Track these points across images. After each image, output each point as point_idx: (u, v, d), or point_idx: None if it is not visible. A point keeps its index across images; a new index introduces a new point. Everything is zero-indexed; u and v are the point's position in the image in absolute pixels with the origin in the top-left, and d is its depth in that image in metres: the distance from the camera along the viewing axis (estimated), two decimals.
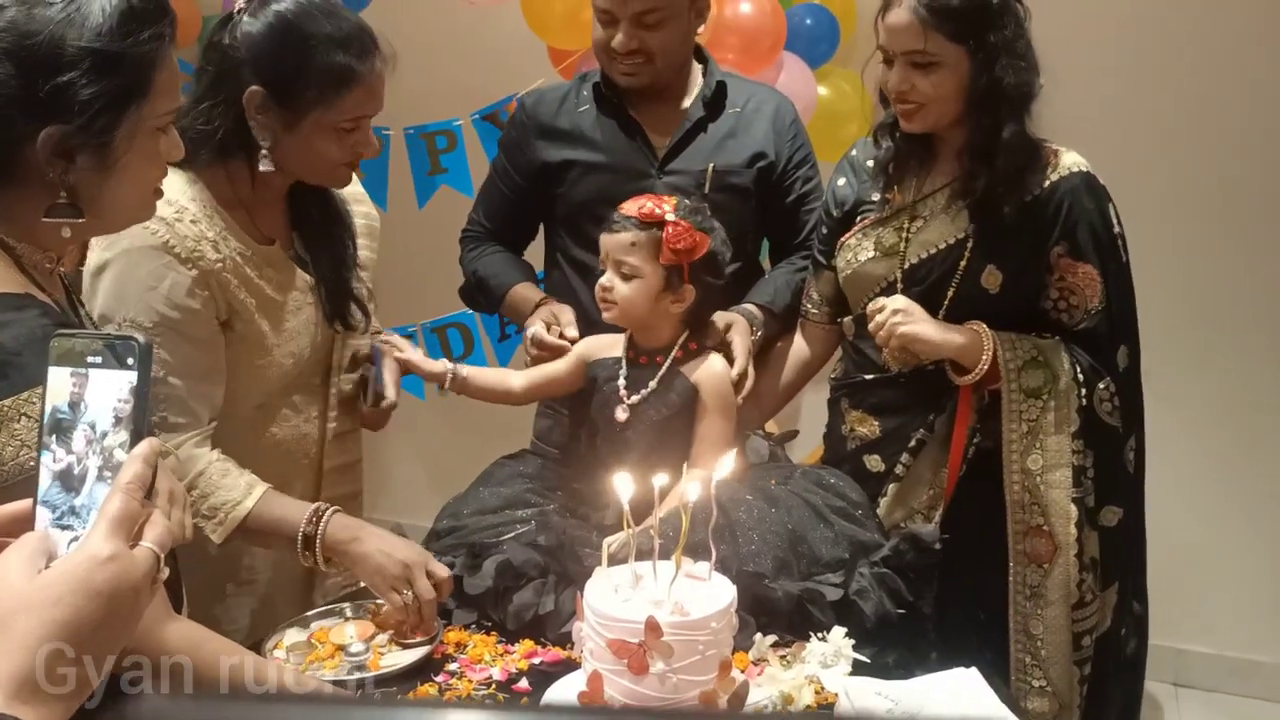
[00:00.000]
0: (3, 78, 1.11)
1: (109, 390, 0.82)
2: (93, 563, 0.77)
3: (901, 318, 1.86)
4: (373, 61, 1.66)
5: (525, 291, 2.15)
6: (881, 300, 1.91)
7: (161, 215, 1.57)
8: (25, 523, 0.82)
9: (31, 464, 1.08)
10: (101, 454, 0.82)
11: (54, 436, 0.82)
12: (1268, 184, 2.99)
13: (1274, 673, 3.16)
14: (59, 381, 0.82)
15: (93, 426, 0.82)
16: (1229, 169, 3.00)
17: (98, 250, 1.60)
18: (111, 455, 0.82)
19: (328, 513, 1.61)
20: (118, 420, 0.82)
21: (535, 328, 1.97)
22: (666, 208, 1.78)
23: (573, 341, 1.94)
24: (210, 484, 1.59)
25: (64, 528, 0.81)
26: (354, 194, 1.92)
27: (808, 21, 3.05)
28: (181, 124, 1.63)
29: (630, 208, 1.79)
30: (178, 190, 1.62)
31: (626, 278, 1.79)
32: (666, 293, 1.79)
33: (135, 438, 0.83)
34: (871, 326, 1.90)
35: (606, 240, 1.81)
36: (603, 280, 1.81)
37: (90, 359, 0.82)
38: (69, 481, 0.82)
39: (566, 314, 1.99)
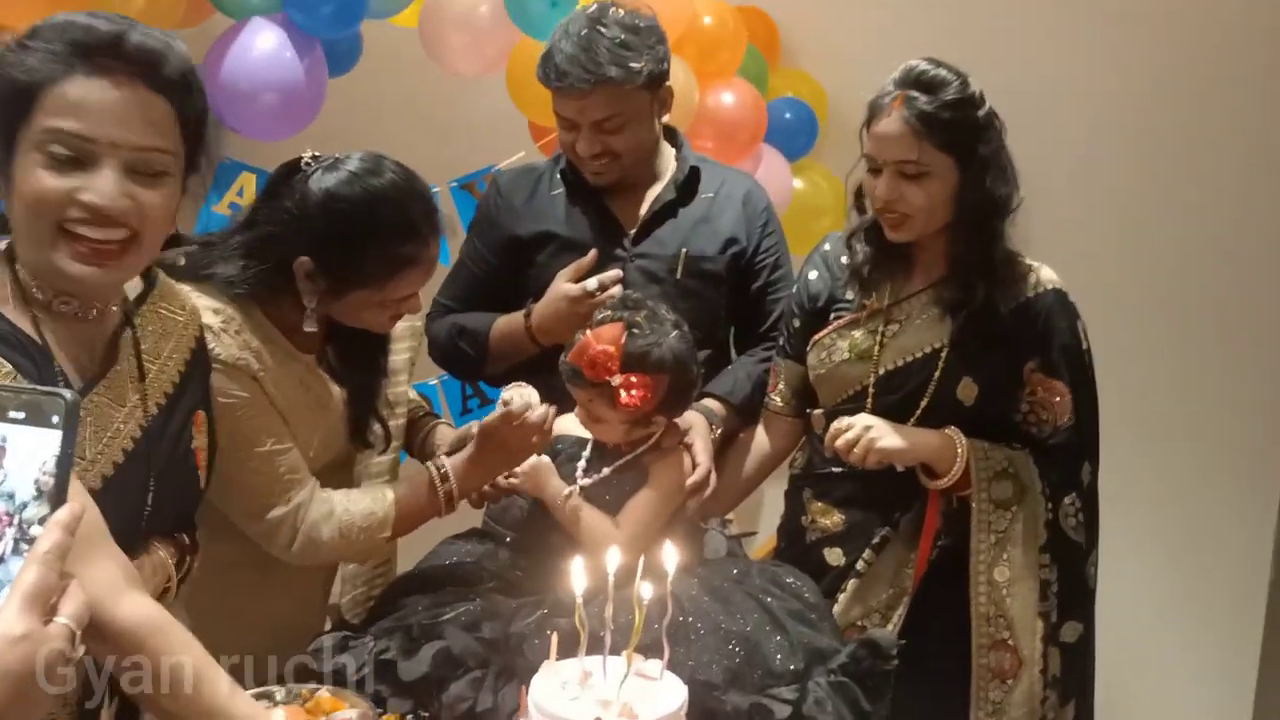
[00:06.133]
0: None
1: (31, 456, 0.77)
2: (3, 642, 0.73)
3: (876, 433, 1.84)
4: (430, 248, 1.66)
5: (511, 316, 2.11)
6: (846, 420, 1.88)
7: (208, 324, 1.57)
8: None
9: None
10: (19, 526, 0.76)
11: None
12: (1226, 296, 3.07)
13: None
14: None
15: (11, 497, 0.77)
16: (1190, 281, 3.08)
17: None
18: (29, 528, 0.76)
19: (444, 471, 1.70)
20: (40, 492, 0.77)
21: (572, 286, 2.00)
22: (613, 353, 1.69)
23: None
24: (349, 513, 1.68)
25: None
26: None
27: (787, 115, 3.08)
28: (228, 276, 1.62)
29: (579, 360, 1.73)
30: (220, 302, 1.61)
31: (596, 420, 1.77)
32: (637, 428, 1.78)
33: (56, 504, 0.77)
34: (840, 444, 1.86)
35: (568, 385, 1.77)
36: (577, 414, 1.80)
37: (12, 413, 0.77)
38: None
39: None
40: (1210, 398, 3.11)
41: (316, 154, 1.65)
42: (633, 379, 1.69)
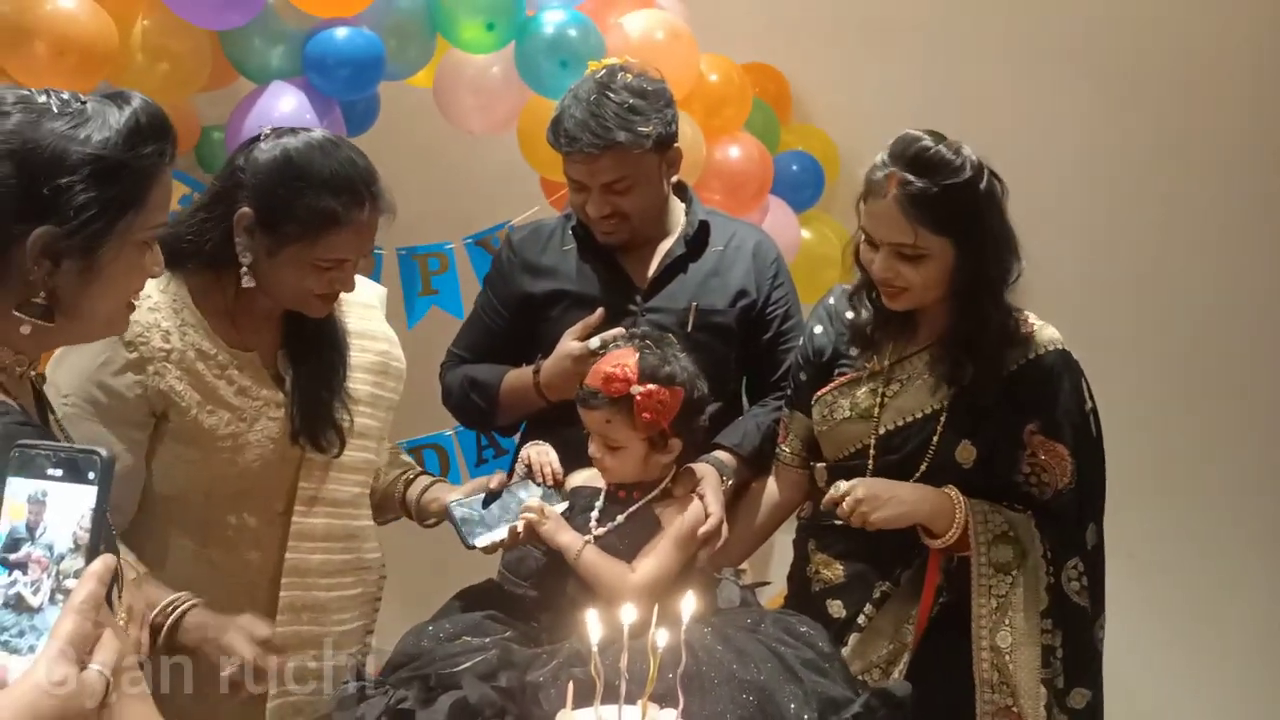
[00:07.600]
0: (2, 177, 1.12)
1: (68, 511, 0.80)
2: (39, 690, 0.76)
3: (868, 506, 1.83)
4: (362, 211, 1.71)
5: (521, 371, 2.16)
6: (843, 486, 1.87)
7: None
8: None
9: None
10: (56, 577, 0.80)
11: (8, 557, 0.80)
12: (1231, 352, 3.08)
13: None
14: (18, 498, 0.80)
15: (50, 549, 0.80)
16: (1213, 335, 3.10)
17: None
18: (66, 579, 0.79)
19: (184, 606, 1.60)
20: (76, 545, 0.80)
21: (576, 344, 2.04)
22: (629, 368, 1.75)
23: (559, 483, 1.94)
24: None
25: (13, 650, 0.79)
26: (370, 331, 1.96)
27: (794, 168, 3.15)
28: (176, 230, 1.70)
29: (595, 380, 1.78)
30: (149, 281, 1.66)
31: (612, 449, 1.79)
32: (653, 452, 1.80)
33: (91, 557, 0.81)
34: (839, 511, 1.87)
35: (583, 414, 1.81)
36: (592, 451, 1.82)
37: (51, 471, 0.81)
38: (21, 603, 0.79)
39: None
40: (1233, 454, 3.10)
41: (278, 128, 1.77)
42: (651, 388, 1.74)
